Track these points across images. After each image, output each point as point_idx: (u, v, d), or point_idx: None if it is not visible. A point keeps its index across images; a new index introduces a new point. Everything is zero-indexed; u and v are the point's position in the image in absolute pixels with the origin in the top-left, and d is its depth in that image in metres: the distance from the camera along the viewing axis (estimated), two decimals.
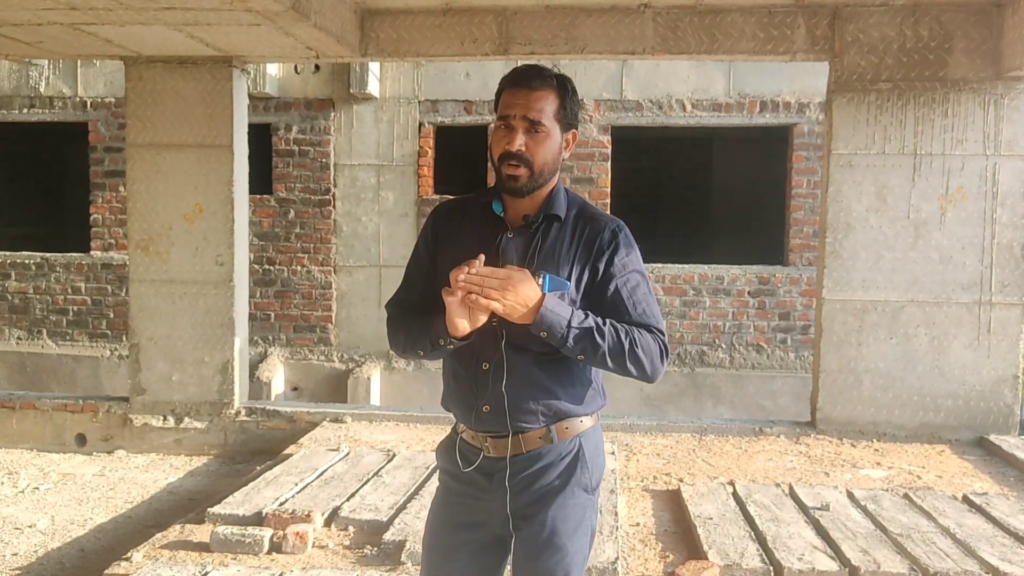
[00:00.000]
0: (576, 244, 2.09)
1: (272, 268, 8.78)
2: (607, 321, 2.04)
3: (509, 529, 2.12)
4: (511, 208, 2.14)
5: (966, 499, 4.40)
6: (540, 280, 1.96)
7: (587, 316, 2.01)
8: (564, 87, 2.10)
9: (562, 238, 2.10)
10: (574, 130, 2.14)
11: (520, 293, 1.93)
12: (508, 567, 2.22)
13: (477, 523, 2.15)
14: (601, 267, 2.08)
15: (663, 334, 2.12)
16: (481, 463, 2.12)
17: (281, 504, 4.16)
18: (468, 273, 1.92)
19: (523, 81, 2.06)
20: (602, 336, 2.00)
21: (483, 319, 1.98)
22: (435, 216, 2.25)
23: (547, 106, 2.05)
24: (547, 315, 1.95)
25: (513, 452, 2.09)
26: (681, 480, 4.78)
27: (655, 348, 2.08)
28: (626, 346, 2.02)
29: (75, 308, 9.03)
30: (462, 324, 1.97)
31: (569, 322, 1.97)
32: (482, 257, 1.96)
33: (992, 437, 5.47)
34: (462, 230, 2.17)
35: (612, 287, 2.08)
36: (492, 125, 2.15)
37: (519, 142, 2.03)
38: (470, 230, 2.16)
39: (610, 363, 2.03)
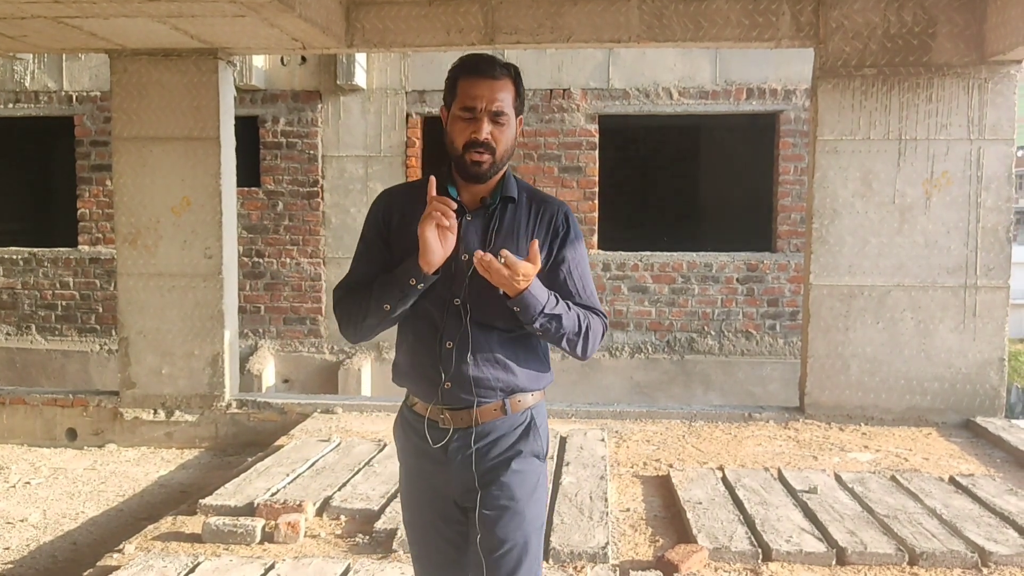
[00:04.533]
0: (533, 224, 2.19)
1: (261, 260, 8.76)
2: (571, 306, 2.18)
3: (467, 499, 2.17)
4: (465, 192, 2.19)
5: (952, 480, 4.44)
6: (501, 260, 2.03)
7: (558, 302, 2.14)
8: (518, 76, 2.17)
9: (518, 219, 2.19)
10: (521, 116, 2.21)
11: (526, 282, 2.06)
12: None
13: (439, 495, 2.21)
14: (555, 249, 2.21)
15: (605, 316, 2.28)
16: (437, 436, 2.18)
17: (273, 494, 4.17)
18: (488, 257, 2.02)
19: (485, 70, 2.11)
20: (567, 320, 2.14)
21: (452, 242, 2.07)
22: (385, 202, 2.28)
23: (507, 96, 2.12)
24: (527, 296, 2.06)
25: (468, 424, 2.16)
26: (671, 466, 4.81)
27: (600, 332, 2.23)
28: (582, 330, 2.18)
29: (63, 303, 9.01)
30: (437, 253, 2.05)
31: (543, 308, 2.09)
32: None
33: (978, 419, 5.52)
34: (417, 215, 2.15)
35: (564, 270, 2.21)
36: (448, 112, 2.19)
37: (486, 131, 2.09)
38: None
39: (563, 344, 2.17)
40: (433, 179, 2.08)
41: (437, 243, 2.04)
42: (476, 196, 2.19)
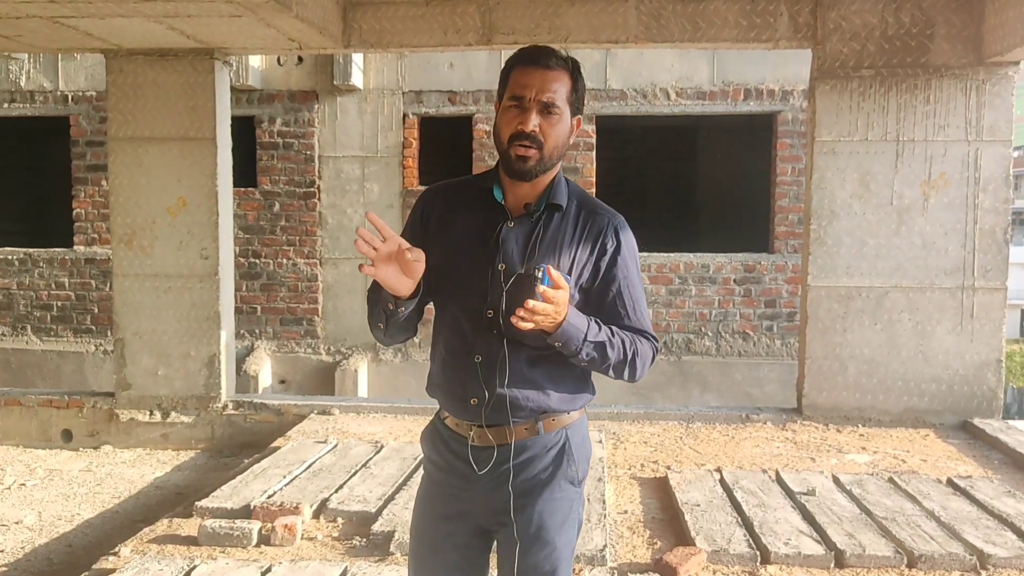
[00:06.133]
0: (579, 238, 2.04)
1: (258, 261, 8.75)
2: (615, 331, 2.03)
3: (493, 522, 2.08)
4: (511, 195, 2.05)
5: (950, 482, 4.44)
6: (539, 273, 1.88)
7: (600, 328, 2.00)
8: (576, 70, 2.03)
9: (564, 230, 2.04)
10: (579, 116, 2.07)
11: (564, 310, 1.90)
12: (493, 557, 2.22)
13: (459, 514, 2.11)
14: (603, 267, 2.05)
15: (656, 340, 2.13)
16: (464, 452, 2.07)
17: (269, 496, 4.15)
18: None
19: (540, 60, 1.98)
20: (612, 348, 2.01)
21: (420, 271, 1.95)
22: (426, 200, 2.15)
23: (561, 88, 1.97)
24: (568, 328, 1.92)
25: (499, 442, 2.05)
26: (668, 468, 4.80)
27: (649, 356, 2.10)
28: (628, 357, 2.04)
29: (59, 303, 8.99)
30: (404, 286, 1.94)
31: (585, 336, 1.95)
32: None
33: (976, 421, 5.52)
34: (458, 217, 2.07)
35: (614, 290, 2.07)
36: (492, 105, 2.11)
37: (533, 122, 1.94)
38: (467, 217, 2.08)
39: (610, 372, 2.06)
40: (371, 215, 1.96)
41: (391, 278, 1.92)
42: (521, 200, 2.04)
